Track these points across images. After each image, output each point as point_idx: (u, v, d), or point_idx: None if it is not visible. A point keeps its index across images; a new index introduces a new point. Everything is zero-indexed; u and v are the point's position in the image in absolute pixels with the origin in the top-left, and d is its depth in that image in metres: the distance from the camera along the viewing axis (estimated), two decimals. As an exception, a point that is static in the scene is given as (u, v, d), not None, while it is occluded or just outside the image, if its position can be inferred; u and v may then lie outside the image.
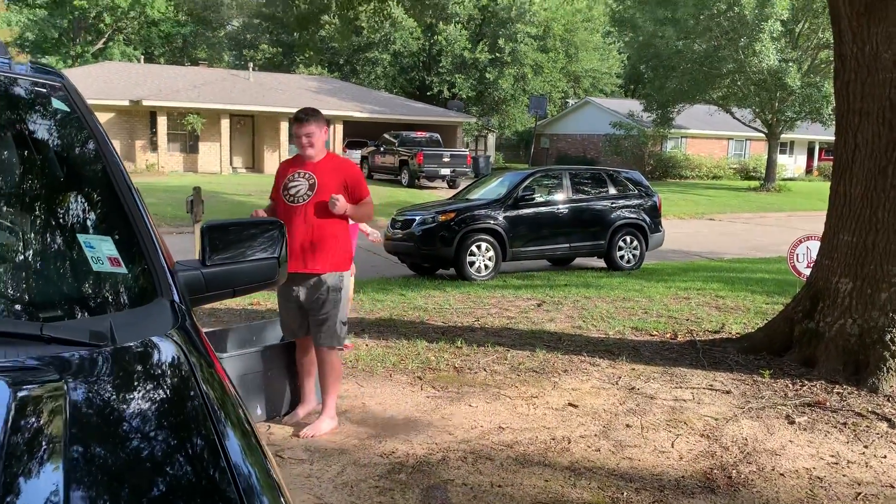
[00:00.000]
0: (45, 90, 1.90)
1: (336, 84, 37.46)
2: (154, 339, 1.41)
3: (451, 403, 4.84)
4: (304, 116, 4.23)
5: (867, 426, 4.46)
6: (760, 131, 31.57)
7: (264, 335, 5.05)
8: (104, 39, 42.89)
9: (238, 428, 1.24)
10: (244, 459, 1.14)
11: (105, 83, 29.49)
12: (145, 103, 28.17)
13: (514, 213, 11.01)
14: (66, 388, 1.19)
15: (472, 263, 10.61)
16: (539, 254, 11.56)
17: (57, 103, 1.88)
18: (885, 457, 4.05)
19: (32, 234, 1.69)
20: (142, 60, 39.64)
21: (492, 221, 10.80)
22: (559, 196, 11.58)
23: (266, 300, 8.27)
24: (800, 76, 27.73)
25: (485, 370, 5.55)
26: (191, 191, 9.12)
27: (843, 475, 3.84)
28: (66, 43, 41.90)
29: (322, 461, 3.91)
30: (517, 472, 3.80)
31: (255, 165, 31.99)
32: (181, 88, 30.37)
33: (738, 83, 29.62)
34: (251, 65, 37.58)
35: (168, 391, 1.30)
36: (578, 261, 12.62)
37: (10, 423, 1.07)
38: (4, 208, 1.71)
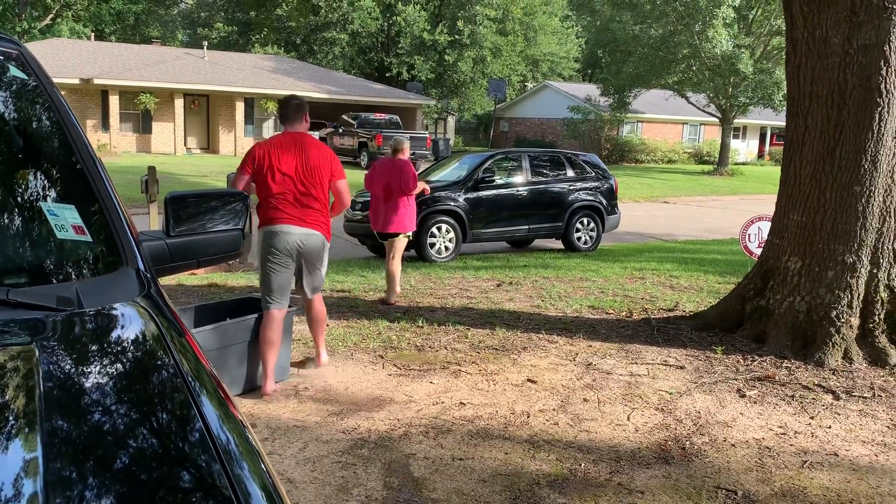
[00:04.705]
0: (1, 58, 1.87)
1: (293, 64, 36.93)
2: (121, 305, 1.41)
3: (412, 381, 4.88)
4: None
5: (813, 398, 4.63)
6: (714, 116, 32.11)
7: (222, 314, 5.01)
8: (52, 15, 41.53)
9: (213, 395, 1.22)
10: (222, 426, 1.12)
11: (54, 61, 28.60)
12: (96, 82, 27.45)
13: (475, 195, 11.05)
14: (36, 350, 1.19)
15: (432, 245, 10.64)
16: (499, 235, 11.63)
17: (14, 71, 1.85)
18: (829, 427, 4.22)
19: None
20: (92, 38, 38.52)
21: (452, 203, 10.82)
22: (518, 178, 11.65)
23: (225, 281, 8.19)
24: (752, 62, 28.24)
25: (446, 348, 5.61)
26: (144, 171, 8.96)
27: (791, 445, 3.99)
28: (11, 18, 40.42)
29: (284, 438, 3.92)
30: (478, 446, 3.87)
31: (209, 146, 31.42)
32: (133, 67, 29.64)
33: (693, 68, 30.03)
34: (205, 43, 36.80)
35: (137, 356, 1.30)
36: (537, 243, 12.74)
37: None
38: None
